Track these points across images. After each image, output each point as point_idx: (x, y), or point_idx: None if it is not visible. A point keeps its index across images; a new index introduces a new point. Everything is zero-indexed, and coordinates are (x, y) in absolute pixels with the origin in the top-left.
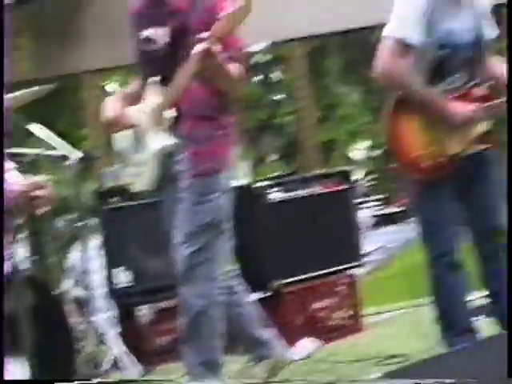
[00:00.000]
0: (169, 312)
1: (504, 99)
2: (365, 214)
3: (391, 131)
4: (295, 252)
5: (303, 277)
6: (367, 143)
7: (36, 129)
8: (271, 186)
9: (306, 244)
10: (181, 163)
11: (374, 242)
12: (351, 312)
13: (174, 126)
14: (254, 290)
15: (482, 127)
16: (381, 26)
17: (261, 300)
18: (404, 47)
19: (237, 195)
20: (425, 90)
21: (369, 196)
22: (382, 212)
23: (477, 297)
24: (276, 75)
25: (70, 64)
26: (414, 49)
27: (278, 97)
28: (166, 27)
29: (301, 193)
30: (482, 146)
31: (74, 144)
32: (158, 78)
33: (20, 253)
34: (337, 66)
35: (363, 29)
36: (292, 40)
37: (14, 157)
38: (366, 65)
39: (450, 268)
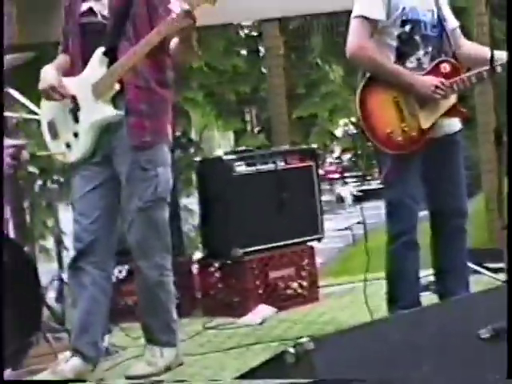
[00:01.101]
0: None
1: (468, 75)
2: (345, 189)
3: (365, 108)
4: (258, 223)
5: (264, 247)
6: (347, 120)
7: (16, 93)
8: (239, 159)
9: (269, 216)
10: (123, 136)
11: (354, 218)
12: (308, 282)
13: (117, 98)
14: (216, 258)
15: (449, 102)
16: None
17: (222, 267)
18: (370, 25)
19: (206, 167)
20: (394, 66)
21: (350, 172)
22: (362, 188)
23: (426, 274)
24: (262, 50)
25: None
26: (380, 26)
27: (263, 71)
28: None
29: (266, 167)
30: (451, 120)
31: None
32: (102, 50)
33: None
34: (320, 46)
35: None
36: (275, 19)
37: None
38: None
39: (407, 247)
